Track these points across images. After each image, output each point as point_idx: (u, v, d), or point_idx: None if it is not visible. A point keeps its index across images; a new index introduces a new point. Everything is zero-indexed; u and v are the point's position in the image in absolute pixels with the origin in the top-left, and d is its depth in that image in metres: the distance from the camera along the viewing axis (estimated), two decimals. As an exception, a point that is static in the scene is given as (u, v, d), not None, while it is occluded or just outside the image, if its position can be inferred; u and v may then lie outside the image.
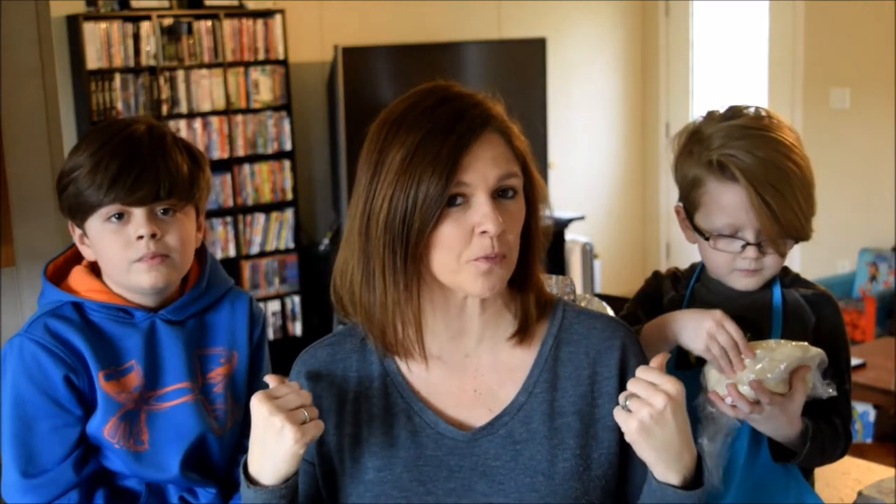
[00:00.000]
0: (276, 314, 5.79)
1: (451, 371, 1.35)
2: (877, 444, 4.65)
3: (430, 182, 1.23)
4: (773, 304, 1.63)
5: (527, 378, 1.34)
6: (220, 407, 1.66)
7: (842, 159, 6.24)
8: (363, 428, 1.34)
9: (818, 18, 6.33)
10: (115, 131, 1.59)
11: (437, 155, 1.24)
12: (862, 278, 6.05)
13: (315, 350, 1.40)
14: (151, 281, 1.57)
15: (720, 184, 1.57)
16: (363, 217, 1.28)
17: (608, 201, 7.32)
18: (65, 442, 1.57)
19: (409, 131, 1.26)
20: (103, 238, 1.58)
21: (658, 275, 1.75)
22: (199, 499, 1.66)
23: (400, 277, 1.27)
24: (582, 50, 7.07)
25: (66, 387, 1.56)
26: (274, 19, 5.61)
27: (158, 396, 1.62)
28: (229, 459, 1.70)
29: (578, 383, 1.34)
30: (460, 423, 1.33)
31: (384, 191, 1.26)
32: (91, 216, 1.57)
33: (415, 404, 1.34)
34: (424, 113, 1.27)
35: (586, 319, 1.38)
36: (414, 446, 1.32)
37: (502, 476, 1.30)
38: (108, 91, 5.18)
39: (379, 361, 1.36)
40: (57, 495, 1.57)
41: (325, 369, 1.37)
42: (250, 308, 1.72)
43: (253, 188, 5.69)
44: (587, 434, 1.32)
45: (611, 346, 1.35)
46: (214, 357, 1.68)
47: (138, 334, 1.61)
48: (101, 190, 1.54)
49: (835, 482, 2.07)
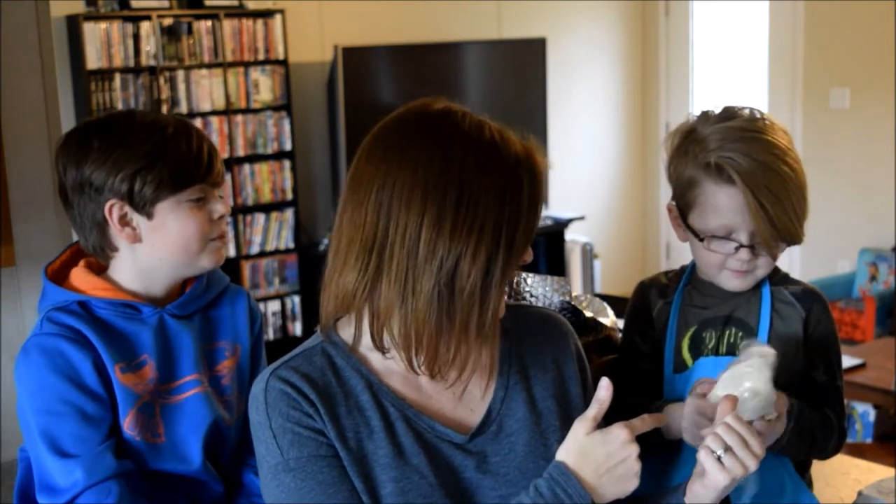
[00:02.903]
0: (276, 314, 5.78)
1: (425, 377, 1.32)
2: (877, 444, 4.66)
3: (524, 242, 1.29)
4: (761, 303, 1.63)
5: (499, 373, 1.37)
6: (228, 398, 1.68)
7: (842, 159, 6.24)
8: (365, 442, 1.29)
9: (818, 18, 6.33)
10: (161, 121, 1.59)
11: (520, 227, 1.29)
12: (862, 278, 6.04)
13: (286, 371, 1.31)
14: (220, 258, 1.64)
15: (717, 186, 1.57)
16: (448, 243, 1.28)
17: (608, 201, 7.32)
18: (100, 428, 1.55)
19: (527, 181, 1.29)
20: (180, 219, 1.57)
21: (643, 286, 1.74)
22: (207, 497, 1.67)
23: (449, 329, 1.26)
24: (582, 50, 7.07)
25: (95, 372, 1.54)
26: (274, 19, 5.61)
27: (172, 389, 1.62)
28: (235, 454, 1.71)
29: (546, 369, 1.39)
30: (455, 424, 1.33)
31: (446, 233, 1.27)
32: (164, 201, 1.56)
33: (408, 410, 1.31)
34: (530, 169, 1.29)
35: (528, 317, 1.44)
36: (423, 451, 1.30)
37: (505, 469, 1.32)
38: (108, 91, 5.18)
39: (357, 374, 1.32)
40: (98, 480, 1.52)
41: (308, 383, 1.29)
42: (249, 303, 1.75)
43: (253, 188, 5.69)
44: (567, 416, 1.36)
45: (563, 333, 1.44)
46: (220, 350, 1.69)
47: (148, 329, 1.61)
48: (199, 167, 1.56)
49: (835, 482, 2.07)
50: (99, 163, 1.54)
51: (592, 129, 7.19)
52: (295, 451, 1.27)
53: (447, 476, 1.30)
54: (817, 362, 1.64)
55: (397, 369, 1.32)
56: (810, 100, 6.44)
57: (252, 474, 1.70)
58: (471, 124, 1.26)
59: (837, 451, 1.66)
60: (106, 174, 1.54)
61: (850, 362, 4.57)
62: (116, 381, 1.56)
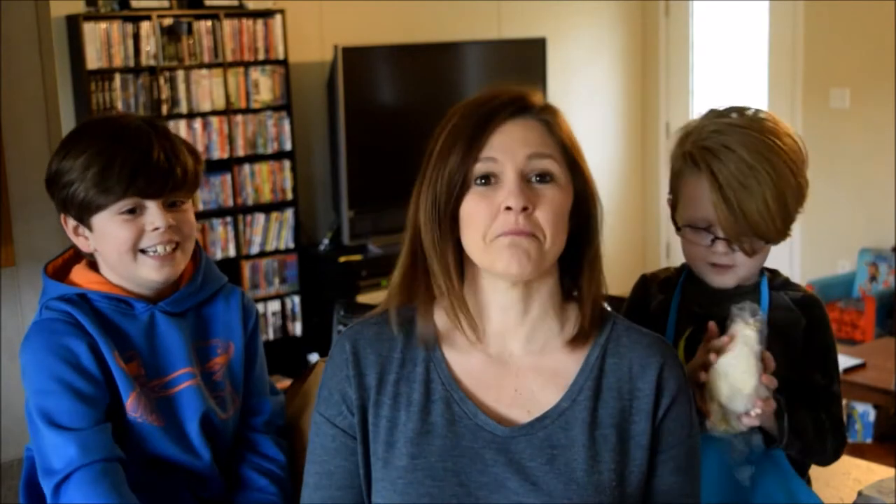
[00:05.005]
0: (276, 314, 5.78)
1: (494, 366, 1.35)
2: (877, 444, 4.66)
3: (454, 156, 1.28)
4: (759, 306, 1.63)
5: (572, 384, 1.34)
6: (221, 394, 1.68)
7: (842, 159, 6.24)
8: (401, 412, 1.33)
9: (818, 18, 6.33)
10: (115, 127, 1.60)
11: (463, 131, 1.29)
12: (862, 278, 6.04)
13: (362, 326, 1.40)
14: (163, 276, 1.61)
15: (693, 176, 1.58)
16: (414, 204, 1.33)
17: (608, 201, 7.18)
18: (95, 407, 1.55)
19: (452, 119, 1.32)
20: (112, 230, 1.59)
21: (645, 279, 1.74)
22: (210, 491, 1.67)
23: (441, 259, 1.31)
24: (582, 50, 7.07)
25: (91, 354, 1.56)
26: (274, 19, 5.61)
27: (165, 384, 1.63)
28: (232, 450, 1.71)
29: (619, 397, 1.33)
30: (499, 418, 1.32)
31: (426, 176, 1.32)
32: (100, 212, 1.58)
33: (455, 393, 1.33)
34: (470, 102, 1.33)
35: (633, 334, 1.37)
36: (451, 435, 1.31)
37: (536, 478, 1.29)
38: (108, 91, 5.18)
39: (424, 346, 1.36)
40: (93, 459, 1.52)
41: (370, 346, 1.37)
42: (242, 301, 1.76)
43: (253, 188, 5.69)
44: (622, 450, 1.31)
45: (651, 364, 1.34)
46: (213, 348, 1.70)
47: (139, 326, 1.63)
48: (120, 184, 1.55)
49: (835, 482, 2.07)
50: (51, 176, 1.62)
51: (592, 129, 7.18)
52: (322, 407, 1.39)
53: (469, 466, 1.29)
54: (816, 367, 1.64)
55: (466, 348, 1.36)
56: (810, 100, 6.44)
57: (251, 470, 1.70)
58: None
59: (836, 455, 1.65)
60: (54, 188, 1.61)
61: (849, 362, 4.57)
62: (115, 366, 1.57)
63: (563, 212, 1.31)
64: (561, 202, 1.31)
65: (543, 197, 1.29)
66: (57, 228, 2.17)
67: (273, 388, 1.81)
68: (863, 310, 5.71)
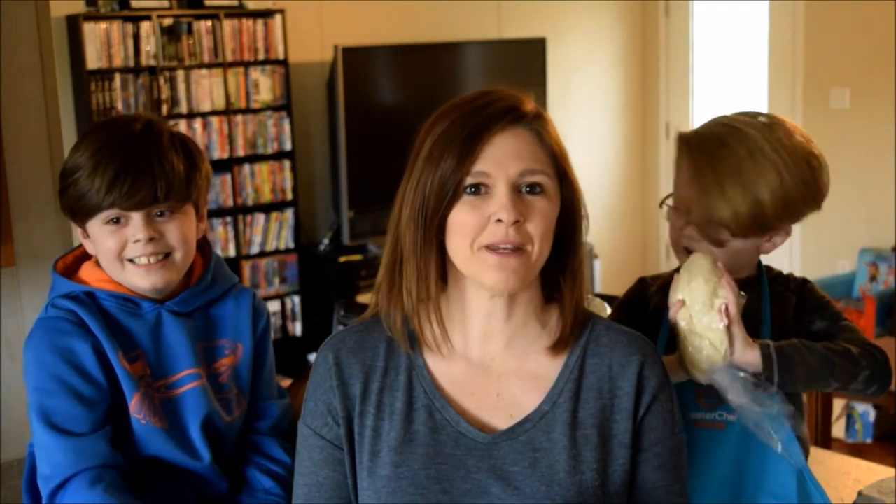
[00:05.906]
0: (276, 314, 5.78)
1: (476, 372, 1.35)
2: (877, 444, 4.66)
3: (446, 164, 1.27)
4: (762, 300, 1.63)
5: (552, 387, 1.34)
6: (226, 396, 1.68)
7: (842, 159, 6.23)
8: (385, 421, 1.34)
9: (818, 18, 6.33)
10: (114, 131, 1.61)
11: (455, 139, 1.27)
12: (862, 278, 6.04)
13: (344, 335, 1.40)
14: (150, 283, 1.61)
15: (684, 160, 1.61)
16: (398, 205, 1.32)
17: (608, 201, 7.32)
18: (94, 410, 1.56)
19: (442, 122, 1.30)
20: (101, 238, 1.60)
21: (643, 281, 1.74)
22: (212, 493, 1.67)
23: (423, 264, 1.30)
24: (582, 50, 7.07)
25: (94, 356, 1.56)
26: (274, 19, 5.61)
27: (169, 384, 1.63)
28: (236, 452, 1.71)
29: (600, 396, 1.34)
30: (481, 424, 1.33)
31: (413, 178, 1.30)
32: (91, 218, 1.59)
33: (437, 401, 1.33)
34: (459, 106, 1.31)
35: (613, 333, 1.38)
36: (433, 443, 1.31)
37: (518, 482, 1.29)
38: (108, 91, 5.17)
39: (406, 354, 1.36)
40: (89, 466, 1.53)
41: (354, 356, 1.37)
42: (253, 302, 1.75)
43: (253, 188, 5.69)
44: (604, 449, 1.32)
45: (631, 362, 1.34)
46: (220, 348, 1.70)
47: (145, 325, 1.63)
48: (99, 194, 1.55)
49: (835, 482, 2.07)
50: (59, 176, 1.64)
51: (592, 129, 7.18)
52: (308, 418, 1.39)
53: (452, 473, 1.30)
54: (814, 318, 1.64)
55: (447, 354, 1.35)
56: (810, 100, 6.43)
57: (256, 471, 1.70)
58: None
59: (879, 381, 1.56)
60: (60, 188, 1.63)
61: (850, 362, 4.56)
62: (119, 366, 1.57)
63: (552, 222, 1.32)
64: (550, 213, 1.31)
65: (534, 209, 1.29)
66: (57, 228, 2.18)
67: (281, 392, 1.81)
68: (863, 310, 5.70)
